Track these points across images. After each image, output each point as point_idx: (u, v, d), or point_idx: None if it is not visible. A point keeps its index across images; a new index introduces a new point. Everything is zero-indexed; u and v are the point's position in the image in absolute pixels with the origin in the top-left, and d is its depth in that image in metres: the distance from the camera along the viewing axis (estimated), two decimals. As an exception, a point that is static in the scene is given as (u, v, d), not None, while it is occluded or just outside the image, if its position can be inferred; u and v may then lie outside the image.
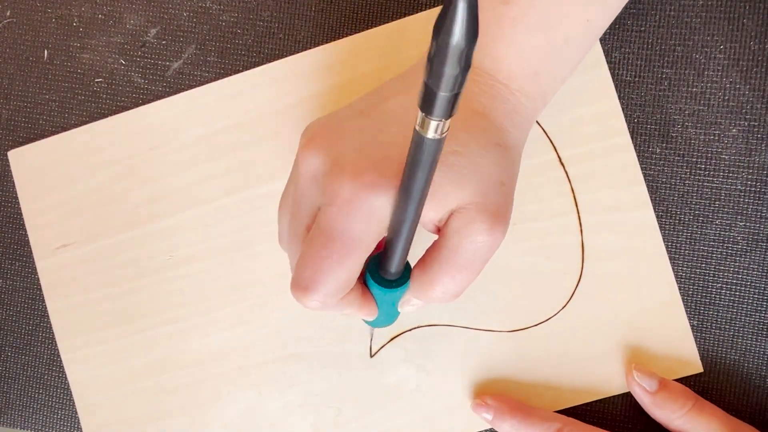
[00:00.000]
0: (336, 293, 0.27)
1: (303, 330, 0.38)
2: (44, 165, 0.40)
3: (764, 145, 0.36)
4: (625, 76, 0.37)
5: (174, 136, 0.39)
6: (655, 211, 0.36)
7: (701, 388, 0.36)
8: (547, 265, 0.36)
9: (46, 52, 0.40)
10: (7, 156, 0.40)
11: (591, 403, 0.36)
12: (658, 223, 0.36)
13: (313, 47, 0.38)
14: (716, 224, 0.36)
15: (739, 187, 0.36)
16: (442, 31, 0.17)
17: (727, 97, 0.36)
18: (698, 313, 0.36)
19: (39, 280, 0.40)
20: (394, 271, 0.28)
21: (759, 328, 0.36)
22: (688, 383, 0.35)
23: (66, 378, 0.39)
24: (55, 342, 0.40)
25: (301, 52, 0.38)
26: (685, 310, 0.36)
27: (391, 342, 0.37)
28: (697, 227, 0.36)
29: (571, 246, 0.36)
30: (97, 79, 0.40)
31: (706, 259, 0.36)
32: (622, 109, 0.36)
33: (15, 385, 0.40)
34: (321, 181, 0.27)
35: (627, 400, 0.36)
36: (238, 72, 0.39)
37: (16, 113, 0.40)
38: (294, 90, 0.38)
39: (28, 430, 0.40)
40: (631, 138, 0.36)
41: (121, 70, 0.40)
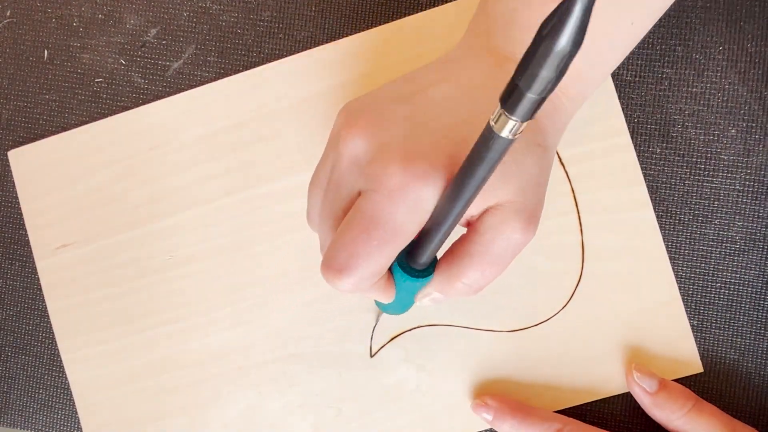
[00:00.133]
0: (370, 278, 0.27)
1: (303, 330, 0.38)
2: (44, 165, 0.40)
3: (761, 146, 0.36)
4: (625, 76, 0.37)
5: (174, 136, 0.39)
6: (655, 211, 0.36)
7: (701, 388, 0.36)
8: (547, 265, 0.36)
9: (46, 52, 0.40)
10: (7, 156, 0.40)
11: (591, 403, 0.36)
12: (658, 223, 0.36)
13: (313, 47, 0.38)
14: (715, 224, 0.36)
15: (738, 187, 0.36)
16: (550, 33, 0.16)
17: (725, 98, 0.36)
18: (698, 313, 0.36)
19: (39, 280, 0.40)
20: (424, 261, 0.28)
21: (758, 328, 0.36)
22: (688, 383, 0.35)
23: (66, 378, 0.39)
24: (55, 342, 0.40)
25: (301, 52, 0.38)
26: (685, 310, 0.36)
27: (391, 342, 0.37)
28: (696, 227, 0.36)
29: (571, 246, 0.36)
30: (97, 79, 0.40)
31: (706, 258, 0.36)
32: (622, 108, 0.36)
33: (15, 385, 0.40)
34: (365, 166, 0.26)
35: (627, 400, 0.36)
36: (238, 72, 0.39)
37: (16, 113, 0.40)
38: (294, 90, 0.38)
39: (28, 430, 0.40)
40: (631, 138, 0.36)
41: (121, 70, 0.40)
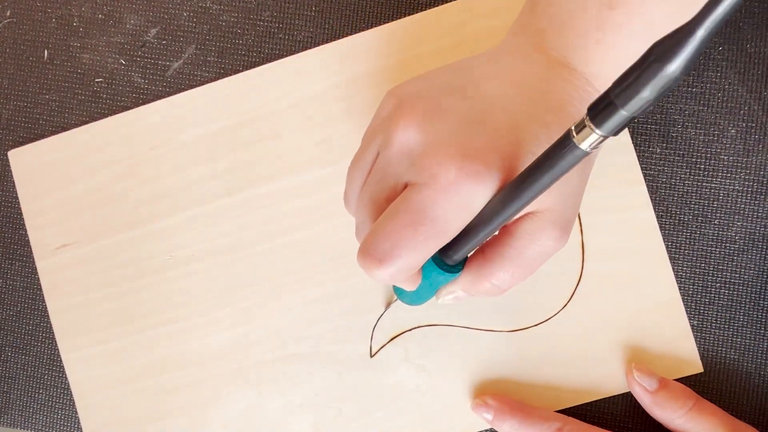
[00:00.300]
0: (409, 270, 0.27)
1: (303, 330, 0.38)
2: (44, 165, 0.40)
3: (761, 146, 0.36)
4: (625, 76, 0.37)
5: (174, 136, 0.39)
6: (654, 211, 0.36)
7: (701, 388, 0.36)
8: (547, 265, 0.36)
9: (46, 52, 0.40)
10: (7, 156, 0.40)
11: (591, 403, 0.36)
12: (658, 223, 0.36)
13: (313, 47, 0.38)
14: (715, 224, 0.36)
15: (737, 187, 0.36)
16: (664, 55, 0.16)
17: (725, 98, 0.36)
18: (698, 312, 0.36)
19: (39, 280, 0.40)
20: (457, 258, 0.28)
21: (758, 328, 0.36)
22: (688, 383, 0.35)
23: (66, 378, 0.39)
24: (55, 342, 0.40)
25: (301, 52, 0.38)
26: (685, 310, 0.36)
27: (391, 342, 0.37)
28: (696, 227, 0.36)
29: (571, 246, 0.36)
30: (97, 79, 0.40)
31: (706, 258, 0.36)
32: (622, 109, 0.36)
33: (15, 385, 0.40)
34: (417, 158, 0.26)
35: (627, 400, 0.36)
36: (238, 72, 0.39)
37: (16, 113, 0.40)
38: (294, 90, 0.38)
39: (28, 430, 0.40)
40: (631, 138, 0.36)
41: (121, 70, 0.40)
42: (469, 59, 0.29)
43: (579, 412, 0.36)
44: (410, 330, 0.37)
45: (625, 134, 0.36)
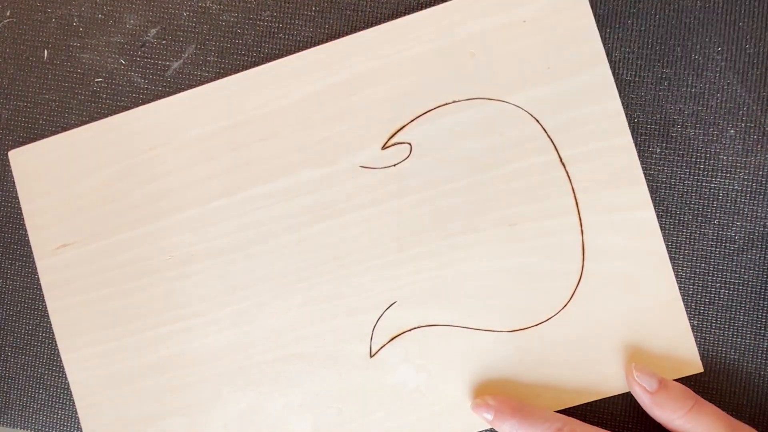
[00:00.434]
0: None
1: (303, 330, 0.38)
2: (44, 165, 0.40)
3: (760, 146, 0.36)
4: (626, 76, 0.37)
5: (174, 136, 0.39)
6: (654, 211, 0.36)
7: (701, 388, 0.36)
8: (547, 265, 0.36)
9: (46, 52, 0.40)
10: (7, 156, 0.40)
11: (591, 403, 0.36)
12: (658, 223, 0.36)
13: (313, 47, 0.38)
14: (715, 224, 0.36)
15: (736, 188, 0.36)
16: None
17: (724, 98, 0.36)
18: (698, 313, 0.36)
19: (39, 280, 0.40)
20: None
21: (758, 328, 0.36)
22: (688, 383, 0.35)
23: (66, 378, 0.39)
24: (55, 342, 0.40)
25: (301, 51, 0.38)
26: (686, 310, 0.36)
27: (391, 342, 0.37)
28: (696, 227, 0.36)
29: (571, 246, 0.36)
30: (97, 79, 0.40)
31: (706, 258, 0.36)
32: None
33: (15, 385, 0.40)
34: None
35: (627, 400, 0.36)
36: (238, 72, 0.39)
37: (16, 113, 0.40)
38: (294, 90, 0.38)
39: (28, 430, 0.40)
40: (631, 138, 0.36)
41: (121, 70, 0.40)
42: None
43: (579, 412, 0.36)
44: (410, 330, 0.37)
45: (626, 134, 0.36)
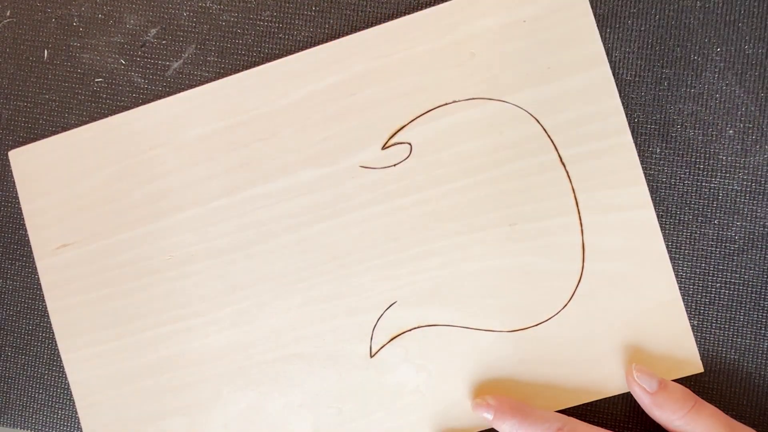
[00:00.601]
0: None
1: (303, 330, 0.38)
2: (44, 165, 0.40)
3: (758, 147, 0.36)
4: (626, 76, 0.37)
5: (174, 136, 0.39)
6: (655, 211, 0.36)
7: (701, 388, 0.36)
8: (547, 265, 0.36)
9: (46, 52, 0.40)
10: (7, 156, 0.40)
11: (591, 403, 0.36)
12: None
13: (313, 47, 0.38)
14: (715, 224, 0.36)
15: (736, 188, 0.36)
16: None
17: (723, 99, 0.36)
18: (698, 313, 0.36)
19: (39, 280, 0.40)
20: None
21: (758, 328, 0.36)
22: (688, 383, 0.35)
23: (66, 378, 0.39)
24: (55, 342, 0.40)
25: (301, 51, 0.38)
26: (686, 310, 0.36)
27: (391, 342, 0.37)
28: (696, 227, 0.36)
29: (571, 246, 0.36)
30: (97, 79, 0.40)
31: (706, 258, 0.36)
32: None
33: (15, 385, 0.40)
34: None
35: (627, 400, 0.36)
36: (238, 72, 0.39)
37: (16, 113, 0.40)
38: (294, 90, 0.38)
39: (28, 430, 0.40)
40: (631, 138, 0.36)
41: (121, 70, 0.40)
42: None
43: (579, 412, 0.36)
44: (410, 330, 0.37)
45: (626, 134, 0.36)
